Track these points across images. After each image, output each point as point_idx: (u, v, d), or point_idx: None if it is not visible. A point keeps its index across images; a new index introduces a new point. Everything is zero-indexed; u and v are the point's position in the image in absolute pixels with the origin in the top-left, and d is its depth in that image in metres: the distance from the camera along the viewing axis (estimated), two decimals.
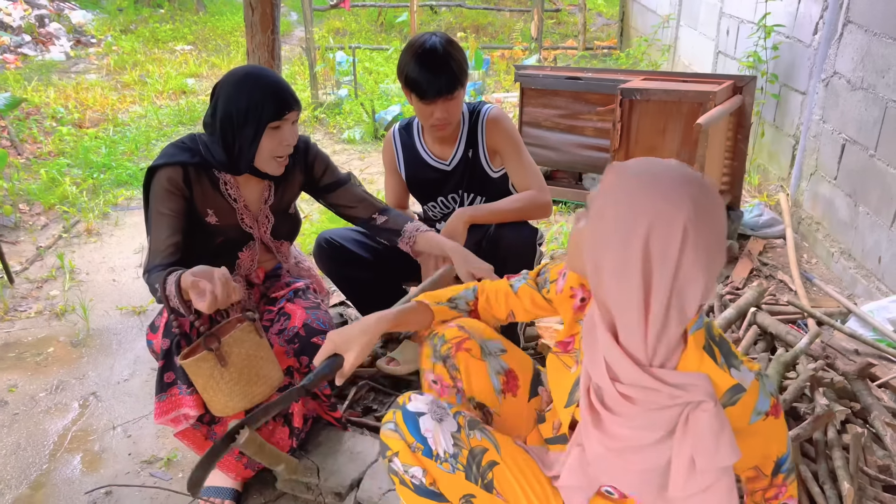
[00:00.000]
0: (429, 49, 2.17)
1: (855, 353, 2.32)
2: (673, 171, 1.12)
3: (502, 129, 2.36)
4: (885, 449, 1.86)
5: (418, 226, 2.22)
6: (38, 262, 3.62)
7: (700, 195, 1.09)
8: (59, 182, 4.52)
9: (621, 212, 1.10)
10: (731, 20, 4.93)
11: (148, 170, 1.93)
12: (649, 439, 1.17)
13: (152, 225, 1.91)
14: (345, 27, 9.95)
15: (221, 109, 1.88)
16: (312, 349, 1.99)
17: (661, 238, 1.06)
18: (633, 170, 1.14)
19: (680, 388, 1.13)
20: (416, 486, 1.36)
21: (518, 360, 1.63)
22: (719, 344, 1.21)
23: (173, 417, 1.91)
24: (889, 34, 2.95)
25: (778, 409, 1.23)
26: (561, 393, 1.41)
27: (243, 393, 1.82)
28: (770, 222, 3.73)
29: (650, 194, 1.08)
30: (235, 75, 1.90)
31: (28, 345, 2.92)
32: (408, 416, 1.37)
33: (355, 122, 5.92)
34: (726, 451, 1.13)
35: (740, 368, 1.20)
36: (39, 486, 2.15)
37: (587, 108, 3.96)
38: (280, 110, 1.88)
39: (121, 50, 8.52)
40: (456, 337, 1.55)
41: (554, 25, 9.98)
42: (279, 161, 1.96)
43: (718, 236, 1.11)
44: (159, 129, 5.78)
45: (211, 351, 1.76)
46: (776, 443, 1.26)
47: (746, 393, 1.18)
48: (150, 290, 1.87)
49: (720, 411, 1.13)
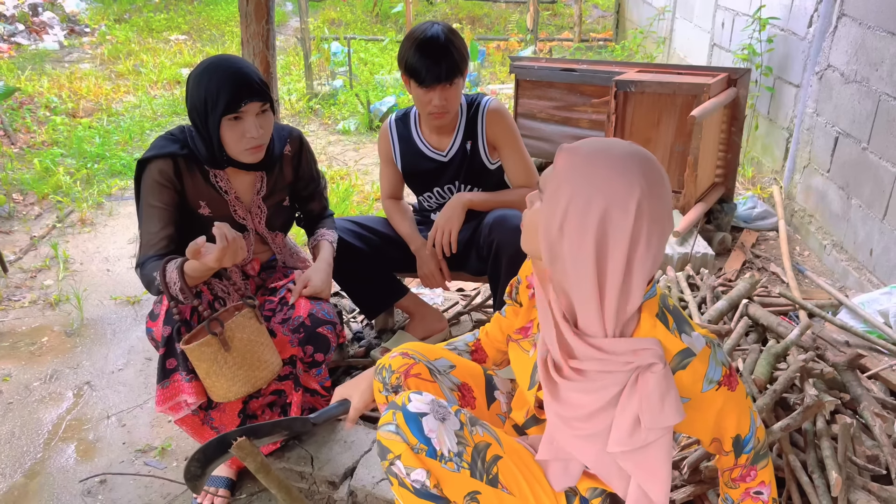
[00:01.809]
0: (430, 37, 2.18)
1: (845, 345, 2.33)
2: (623, 149, 1.17)
3: (502, 121, 2.38)
4: (874, 439, 1.88)
5: (325, 234, 2.26)
6: (31, 251, 3.61)
7: (649, 169, 1.15)
8: (52, 172, 4.50)
9: (577, 191, 1.15)
10: (727, 12, 4.94)
11: (138, 162, 1.92)
12: (601, 403, 1.22)
13: (144, 218, 1.91)
14: (340, 17, 9.91)
15: (188, 102, 1.88)
16: (317, 339, 2.01)
17: (618, 214, 1.12)
18: (585, 150, 1.18)
19: (631, 354, 1.18)
20: (417, 490, 1.33)
21: (468, 372, 1.63)
22: (672, 312, 1.26)
23: (174, 404, 1.92)
24: (883, 27, 2.96)
25: (732, 381, 1.25)
26: (524, 376, 1.45)
27: (246, 377, 1.84)
28: (763, 214, 3.75)
29: (604, 173, 1.14)
30: (199, 66, 1.88)
31: (22, 334, 2.92)
32: (410, 417, 1.33)
33: (350, 112, 5.91)
34: (671, 412, 1.18)
35: (692, 335, 1.24)
36: (34, 475, 2.16)
37: (582, 100, 3.97)
38: (234, 102, 1.82)
39: (115, 39, 8.48)
40: (402, 365, 1.54)
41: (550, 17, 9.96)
42: (250, 151, 1.91)
43: (668, 206, 1.17)
44: (153, 120, 5.76)
45: (215, 335, 1.78)
46: (733, 418, 1.27)
47: (696, 358, 1.21)
48: (145, 284, 1.87)
49: (668, 373, 1.18)
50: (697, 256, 3.05)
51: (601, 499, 1.39)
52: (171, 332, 1.84)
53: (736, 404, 1.27)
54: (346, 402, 1.57)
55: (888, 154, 2.92)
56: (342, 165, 4.92)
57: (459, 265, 2.49)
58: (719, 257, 3.35)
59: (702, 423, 1.27)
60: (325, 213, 2.35)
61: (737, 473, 1.35)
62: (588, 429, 1.25)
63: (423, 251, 2.42)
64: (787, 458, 1.80)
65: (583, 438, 1.27)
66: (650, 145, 3.54)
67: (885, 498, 1.68)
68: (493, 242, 2.23)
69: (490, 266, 2.28)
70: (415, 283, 3.09)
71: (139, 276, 1.90)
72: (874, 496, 1.68)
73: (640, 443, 1.21)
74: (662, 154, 3.53)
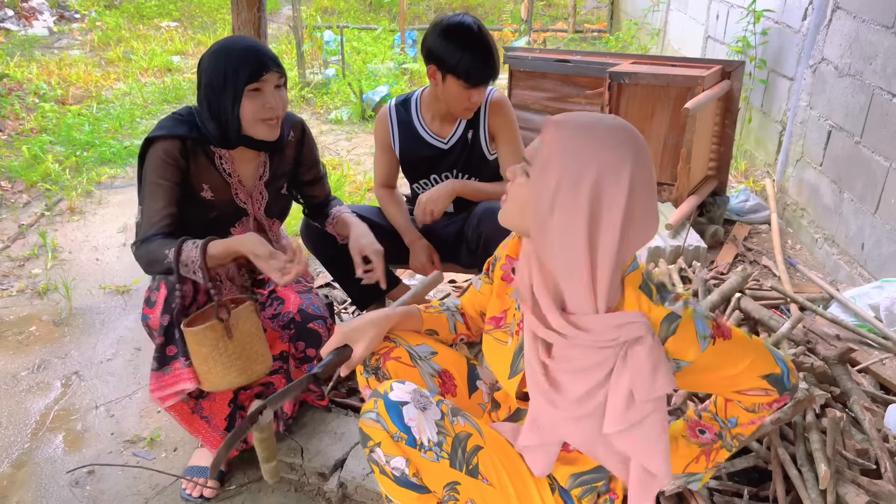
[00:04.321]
0: (477, 34, 2.20)
1: (836, 339, 2.34)
2: (611, 122, 1.19)
3: (504, 113, 2.39)
4: (864, 433, 1.89)
5: (341, 209, 2.27)
6: (20, 240, 3.58)
7: (636, 141, 1.17)
8: (41, 159, 4.46)
9: (568, 163, 1.15)
10: (721, 4, 4.92)
11: (145, 140, 1.90)
12: (592, 383, 1.22)
13: (147, 195, 1.88)
14: (333, 6, 9.84)
15: (204, 80, 1.87)
16: (308, 335, 2.00)
17: (611, 186, 1.13)
18: (574, 123, 1.19)
19: (618, 329, 1.18)
20: (397, 478, 1.35)
21: (451, 360, 1.63)
22: (656, 284, 1.26)
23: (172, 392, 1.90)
24: (877, 20, 2.95)
25: (724, 331, 1.25)
26: (502, 368, 1.44)
27: (242, 368, 1.84)
28: (756, 208, 3.75)
29: (595, 144, 1.15)
30: (215, 45, 1.89)
31: (9, 323, 2.89)
32: (390, 405, 1.34)
33: (343, 102, 5.88)
34: (663, 381, 1.18)
35: (674, 302, 1.24)
36: (21, 465, 2.15)
37: (576, 91, 3.95)
38: (256, 71, 1.83)
39: (105, 26, 8.39)
40: (383, 347, 1.55)
41: (544, 7, 9.92)
42: (268, 123, 1.90)
43: (654, 178, 1.20)
44: (144, 107, 5.71)
45: (221, 321, 1.78)
46: (747, 361, 1.26)
47: (682, 319, 1.21)
48: (145, 261, 1.85)
49: (658, 344, 1.19)
50: (690, 249, 3.05)
51: (581, 489, 1.39)
52: (171, 319, 1.83)
53: (740, 348, 1.26)
54: (346, 349, 1.52)
55: (881, 148, 2.92)
56: (334, 155, 4.89)
57: (450, 258, 2.49)
58: (711, 250, 3.36)
59: (722, 380, 1.26)
60: (330, 198, 2.33)
61: (761, 401, 1.32)
62: (579, 410, 1.25)
63: (416, 244, 2.41)
64: (776, 451, 1.81)
65: (574, 420, 1.27)
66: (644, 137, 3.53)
67: (875, 492, 1.68)
68: (481, 234, 2.23)
69: (479, 259, 2.27)
70: (406, 274, 3.08)
71: (137, 254, 1.87)
72: (863, 490, 1.68)
73: (636, 418, 1.21)
74: (656, 146, 3.52)
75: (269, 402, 1.48)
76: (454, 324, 1.66)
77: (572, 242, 1.16)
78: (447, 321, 1.65)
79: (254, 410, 1.46)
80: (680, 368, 1.24)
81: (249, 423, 1.46)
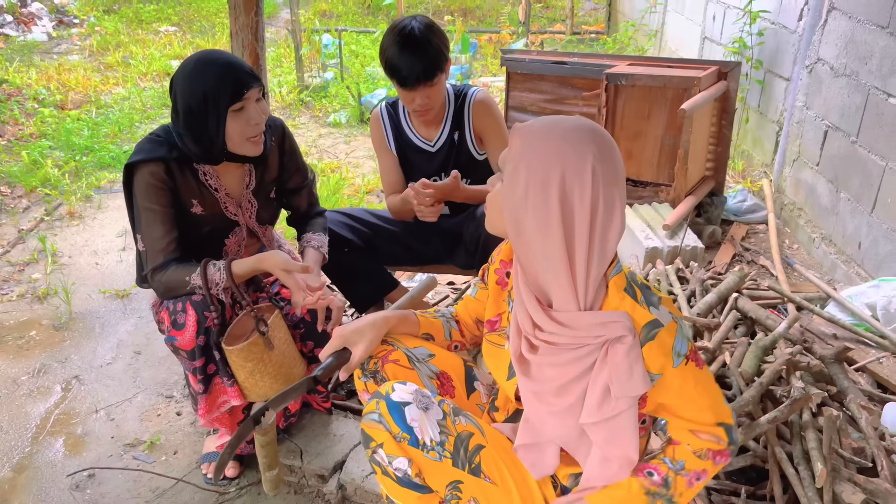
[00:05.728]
0: (407, 34, 2.14)
1: (833, 338, 2.35)
2: (572, 122, 1.23)
3: (489, 112, 2.37)
4: (860, 431, 1.89)
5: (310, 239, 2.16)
6: (19, 244, 3.59)
7: (598, 138, 1.20)
8: (40, 164, 4.47)
9: (533, 166, 1.19)
10: (718, 5, 4.94)
11: (126, 167, 1.87)
12: (571, 376, 1.25)
13: (143, 222, 1.87)
14: (331, 9, 9.85)
15: (181, 104, 1.82)
16: (317, 335, 2.02)
17: (575, 180, 1.17)
18: (537, 126, 1.23)
19: (601, 327, 1.22)
20: (400, 479, 1.35)
21: (448, 362, 1.64)
22: (640, 286, 1.28)
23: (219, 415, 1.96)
24: (872, 21, 2.96)
25: (698, 358, 1.27)
26: (500, 370, 1.45)
27: (287, 375, 1.89)
28: (753, 208, 3.76)
29: (557, 144, 1.19)
30: (187, 66, 1.83)
31: (10, 328, 2.90)
32: (392, 406, 1.35)
33: (341, 105, 5.89)
34: (639, 381, 1.21)
35: (659, 308, 1.26)
36: (22, 469, 2.15)
37: (573, 93, 3.96)
38: (237, 91, 1.81)
39: (104, 30, 8.40)
40: (380, 351, 1.55)
41: (542, 9, 9.93)
42: (253, 141, 1.90)
43: (620, 172, 1.22)
44: (143, 112, 5.72)
45: (262, 335, 1.83)
46: (707, 399, 1.27)
47: (664, 329, 1.23)
48: (165, 289, 1.86)
49: (637, 344, 1.22)
50: (687, 249, 3.06)
51: None
52: (207, 340, 1.85)
53: (706, 384, 1.28)
54: (346, 352, 1.52)
55: (877, 147, 2.93)
56: (333, 158, 4.90)
57: (448, 259, 2.49)
58: (709, 250, 3.36)
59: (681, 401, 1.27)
60: (314, 210, 2.27)
61: (710, 447, 1.30)
62: (559, 404, 1.28)
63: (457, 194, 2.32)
64: (772, 450, 1.81)
65: (555, 415, 1.30)
66: (641, 138, 3.55)
67: (871, 490, 1.69)
68: (479, 237, 2.24)
69: (477, 260, 2.27)
70: (405, 276, 3.09)
71: (154, 285, 1.87)
72: (860, 488, 1.69)
73: (610, 413, 1.24)
74: (653, 147, 3.53)
75: (272, 404, 1.49)
76: (449, 331, 1.67)
77: (549, 241, 1.19)
78: (443, 327, 1.66)
79: (256, 412, 1.47)
80: (652, 381, 1.24)
81: (252, 424, 1.47)
